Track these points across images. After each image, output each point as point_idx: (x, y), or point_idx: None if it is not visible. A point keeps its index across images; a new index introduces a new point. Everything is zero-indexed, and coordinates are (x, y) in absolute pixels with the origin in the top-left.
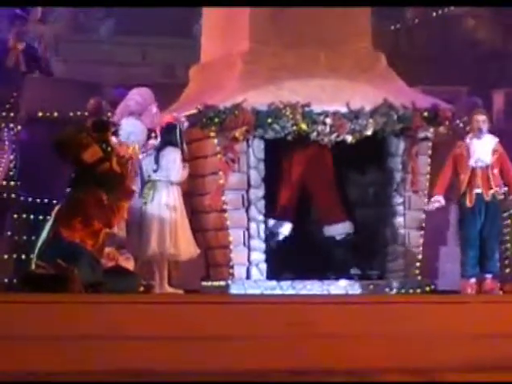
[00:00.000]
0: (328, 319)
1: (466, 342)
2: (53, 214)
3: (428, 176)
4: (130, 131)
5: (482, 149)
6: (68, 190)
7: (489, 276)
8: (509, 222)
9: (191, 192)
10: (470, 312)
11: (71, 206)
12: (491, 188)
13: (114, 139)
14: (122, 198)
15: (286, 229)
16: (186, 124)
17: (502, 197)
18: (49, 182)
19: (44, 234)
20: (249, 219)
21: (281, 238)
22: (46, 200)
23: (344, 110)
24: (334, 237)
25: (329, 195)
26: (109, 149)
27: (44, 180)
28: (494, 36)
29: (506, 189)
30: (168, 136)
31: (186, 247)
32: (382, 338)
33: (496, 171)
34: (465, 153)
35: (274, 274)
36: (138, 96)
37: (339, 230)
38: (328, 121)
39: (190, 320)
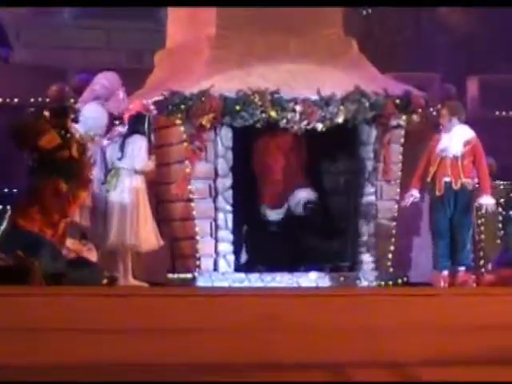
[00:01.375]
0: (298, 312)
1: (439, 336)
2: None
3: (400, 165)
4: (90, 117)
5: (451, 139)
6: (27, 178)
7: (462, 268)
8: (483, 212)
9: (157, 181)
10: (443, 305)
11: (29, 195)
12: (460, 178)
13: (74, 126)
14: (80, 187)
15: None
16: (154, 112)
17: (471, 187)
18: (8, 170)
19: (3, 225)
20: (216, 209)
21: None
22: (5, 190)
23: (314, 96)
24: (299, 212)
25: (295, 178)
26: (68, 135)
27: (3, 169)
28: (467, 21)
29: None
30: (136, 125)
31: (148, 238)
32: (353, 332)
33: (467, 162)
34: (436, 145)
35: (242, 265)
36: (104, 80)
37: (301, 195)
38: (298, 108)
39: (155, 313)
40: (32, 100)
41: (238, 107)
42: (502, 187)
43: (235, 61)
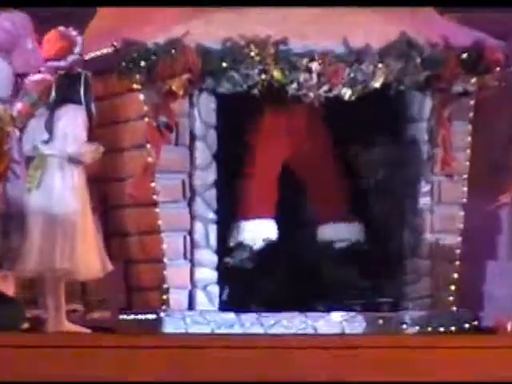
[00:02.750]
0: (314, 371)
1: None
2: None
3: (468, 152)
4: None
5: None
6: None
7: None
8: None
9: (104, 176)
10: None
11: None
12: None
13: None
14: None
15: (252, 233)
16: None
17: None
18: None
19: None
20: (192, 218)
21: (244, 246)
22: None
23: (340, 49)
24: (328, 243)
25: (324, 181)
26: None
27: None
28: None
29: None
30: (67, 90)
31: (89, 260)
32: None
33: None
34: None
35: (231, 301)
36: (6, 22)
37: (341, 231)
38: (314, 66)
39: (102, 372)
40: None
41: (224, 64)
42: None
43: None
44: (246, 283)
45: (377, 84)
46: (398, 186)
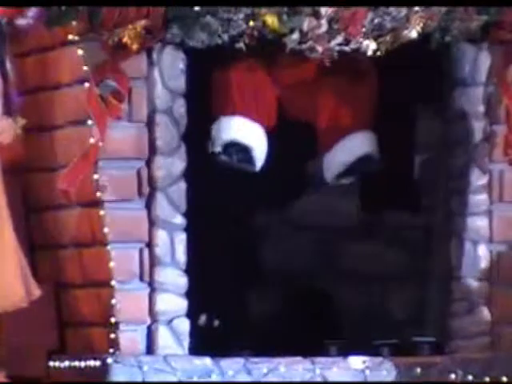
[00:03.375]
0: None
1: None
2: None
3: None
4: None
5: None
6: None
7: None
8: None
9: (25, 164)
10: None
11: None
12: None
13: None
14: None
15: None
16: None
17: None
18: None
19: None
20: (152, 223)
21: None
22: None
23: None
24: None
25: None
26: None
27: None
28: None
29: None
30: None
31: (7, 284)
32: None
33: None
34: None
35: (207, 341)
36: None
37: (356, 144)
38: (324, 9)
39: None
40: None
41: (196, 7)
42: None
43: None
44: (227, 314)
45: (412, 34)
46: (442, 179)
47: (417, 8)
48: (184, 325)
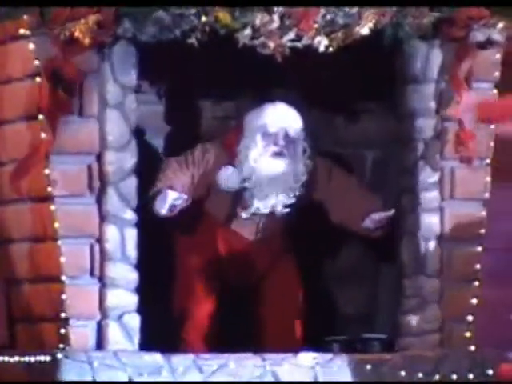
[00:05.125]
0: None
1: None
2: None
3: (492, 126)
4: None
5: None
6: None
7: None
8: None
9: None
10: None
11: None
12: None
13: None
14: None
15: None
16: None
17: None
18: None
19: None
20: (103, 218)
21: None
22: None
23: None
24: None
25: None
26: None
27: None
28: None
29: None
30: None
31: None
32: None
33: None
34: None
35: (157, 337)
36: None
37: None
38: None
39: None
40: None
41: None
42: None
43: None
44: (177, 309)
45: (364, 30)
46: (393, 176)
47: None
48: (134, 320)
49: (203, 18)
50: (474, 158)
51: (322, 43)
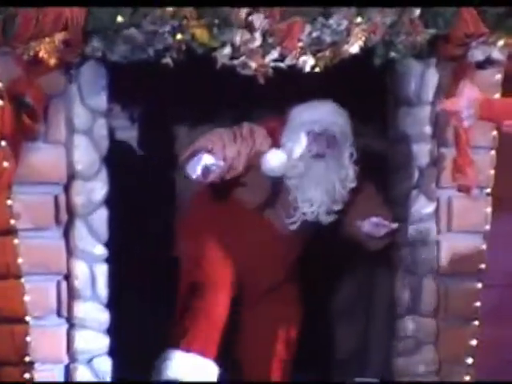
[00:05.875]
0: None
1: None
2: None
3: (493, 153)
4: None
5: None
6: None
7: None
8: None
9: None
10: None
11: None
12: None
13: None
14: None
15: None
16: None
17: None
18: None
19: None
20: (71, 253)
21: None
22: None
23: None
24: None
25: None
26: None
27: None
28: None
29: None
30: None
31: None
32: None
33: None
34: None
35: (129, 382)
36: None
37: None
38: (258, 21)
39: None
40: None
41: (119, 18)
42: None
43: None
44: (153, 351)
45: (354, 48)
46: (388, 204)
47: (358, 20)
48: (105, 364)
49: (178, 36)
50: (473, 187)
51: (307, 63)
